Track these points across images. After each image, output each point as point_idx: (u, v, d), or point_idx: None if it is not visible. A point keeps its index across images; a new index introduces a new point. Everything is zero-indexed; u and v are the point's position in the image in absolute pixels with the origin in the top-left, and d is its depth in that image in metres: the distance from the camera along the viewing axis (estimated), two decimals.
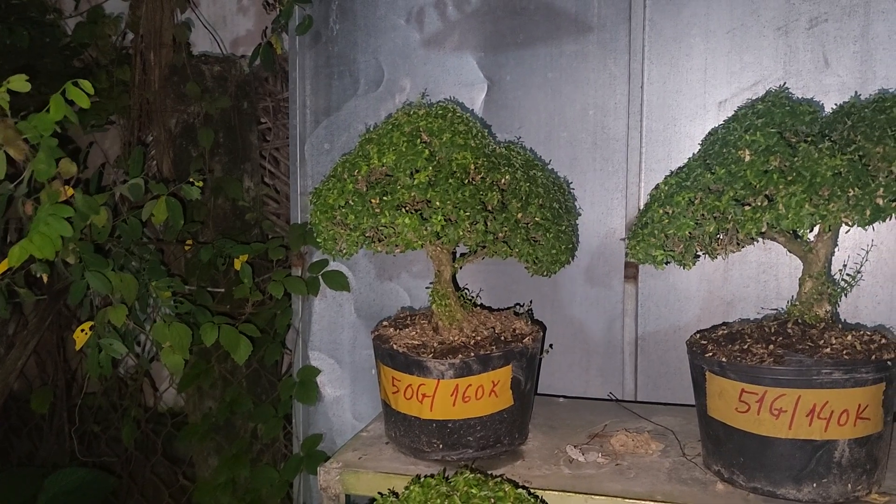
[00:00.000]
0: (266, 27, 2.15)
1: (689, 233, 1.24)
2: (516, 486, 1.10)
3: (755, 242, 1.45)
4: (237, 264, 1.83)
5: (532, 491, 1.21)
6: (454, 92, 1.99)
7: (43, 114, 1.36)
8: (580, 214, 1.82)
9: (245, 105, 2.20)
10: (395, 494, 1.08)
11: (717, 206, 1.22)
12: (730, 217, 1.21)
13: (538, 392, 1.87)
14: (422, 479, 1.09)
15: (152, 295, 1.64)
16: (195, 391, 2.19)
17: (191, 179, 1.70)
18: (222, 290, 1.99)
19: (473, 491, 1.02)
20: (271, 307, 2.07)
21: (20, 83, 1.43)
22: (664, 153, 1.83)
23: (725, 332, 1.37)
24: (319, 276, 2.00)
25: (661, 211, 1.28)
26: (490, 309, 1.62)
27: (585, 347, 1.92)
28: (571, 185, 1.86)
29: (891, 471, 1.31)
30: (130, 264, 1.62)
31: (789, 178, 1.16)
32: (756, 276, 1.78)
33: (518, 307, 1.89)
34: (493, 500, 1.00)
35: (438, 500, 0.99)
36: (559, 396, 1.83)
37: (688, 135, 1.81)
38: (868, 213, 1.13)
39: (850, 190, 1.13)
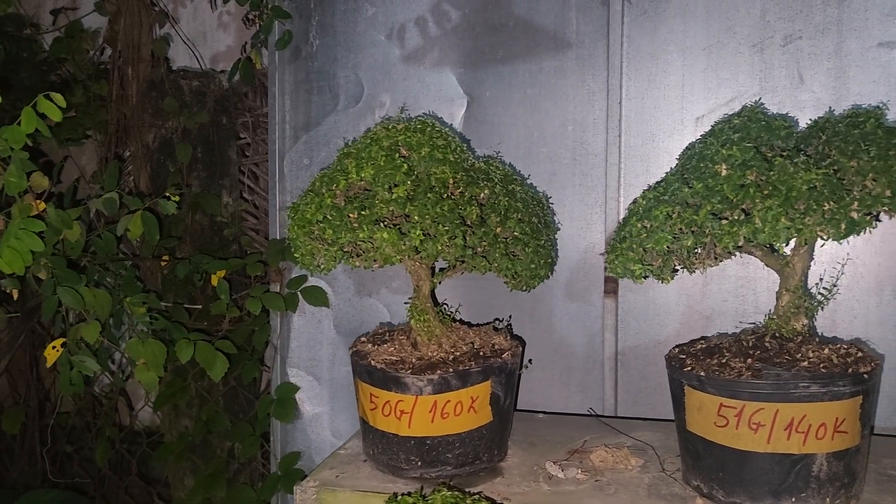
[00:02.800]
0: (245, 42, 2.15)
1: (668, 247, 1.25)
2: (494, 503, 1.10)
3: (732, 256, 1.46)
4: (214, 280, 1.81)
5: None
6: (434, 107, 1.99)
7: (14, 127, 1.34)
8: (559, 229, 1.82)
9: (224, 120, 2.19)
10: None
11: (695, 220, 1.22)
12: (707, 231, 1.22)
13: (518, 408, 1.87)
14: (398, 497, 1.08)
15: (126, 311, 1.62)
16: (171, 409, 2.17)
17: (167, 194, 1.69)
18: (199, 306, 1.97)
19: None
20: (249, 324, 2.05)
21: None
22: (643, 168, 1.84)
23: (704, 346, 1.37)
24: (298, 292, 1.99)
25: (639, 225, 1.28)
26: (469, 324, 1.61)
27: (566, 362, 1.91)
28: (551, 200, 1.87)
29: (868, 484, 1.31)
30: (105, 280, 1.60)
31: (765, 192, 1.17)
32: (734, 291, 1.79)
33: (497, 322, 1.88)
34: None
35: None
36: (539, 412, 1.83)
37: (666, 150, 1.82)
38: (843, 226, 1.14)
39: (826, 204, 1.14)
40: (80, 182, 2.21)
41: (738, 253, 1.38)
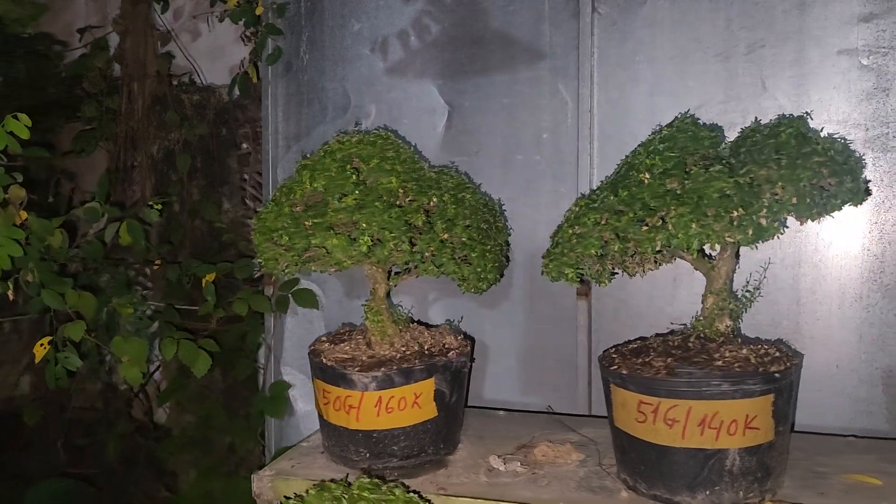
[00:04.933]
0: (244, 58, 2.29)
1: (597, 252, 1.33)
2: (408, 490, 1.20)
3: (675, 260, 1.53)
4: (205, 283, 1.95)
5: (450, 498, 1.31)
6: (417, 117, 2.10)
7: None
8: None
9: (224, 131, 2.34)
10: (301, 498, 1.18)
11: (619, 227, 1.31)
12: (630, 237, 1.30)
13: (482, 406, 1.97)
14: (323, 484, 1.19)
15: (115, 311, 1.77)
16: (175, 406, 2.32)
17: (150, 203, 1.84)
18: (196, 308, 2.12)
19: (365, 494, 1.12)
20: (244, 324, 2.19)
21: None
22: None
23: (635, 346, 1.46)
24: (289, 295, 2.11)
25: (570, 231, 1.37)
26: (427, 325, 1.72)
27: (541, 363, 2.00)
28: (526, 206, 1.96)
29: (794, 479, 1.38)
30: (98, 282, 1.76)
31: (680, 200, 1.25)
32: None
33: (448, 322, 1.98)
34: (381, 502, 1.10)
35: (331, 503, 1.09)
36: (499, 409, 1.92)
37: None
38: (751, 232, 1.22)
39: (735, 211, 1.22)
40: (74, 193, 2.38)
41: (672, 259, 1.46)
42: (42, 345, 1.62)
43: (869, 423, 1.74)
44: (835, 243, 1.73)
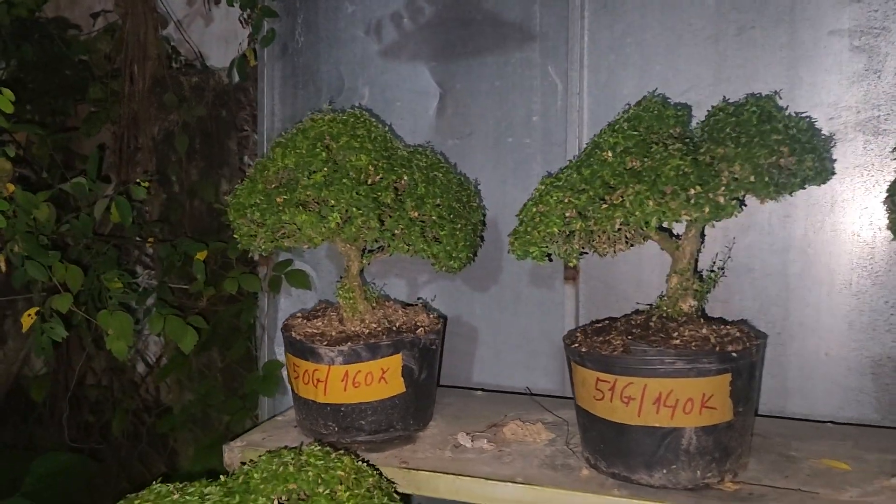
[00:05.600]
0: (241, 41, 2.33)
1: (559, 230, 1.34)
2: (357, 458, 1.22)
3: (644, 242, 1.52)
4: (195, 261, 2.00)
5: (411, 471, 1.33)
6: (410, 99, 2.12)
7: None
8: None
9: (223, 114, 2.38)
10: (254, 462, 1.21)
11: (579, 205, 1.31)
12: (589, 215, 1.30)
13: (465, 386, 1.98)
14: (277, 451, 1.22)
15: (104, 286, 1.82)
16: (175, 384, 2.38)
17: (137, 180, 1.89)
18: (187, 287, 2.17)
19: (312, 460, 1.15)
20: (240, 304, 2.23)
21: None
22: None
23: (600, 325, 1.46)
24: (282, 275, 2.15)
25: (534, 209, 1.38)
26: (404, 304, 1.73)
27: (530, 347, 2.01)
28: (518, 188, 1.96)
29: (763, 463, 1.37)
30: (88, 257, 1.81)
31: (638, 178, 1.25)
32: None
33: (423, 300, 1.99)
34: (327, 469, 1.12)
35: (278, 468, 1.12)
36: (478, 389, 1.93)
37: None
38: (707, 210, 1.21)
39: (692, 189, 1.21)
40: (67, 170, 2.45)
41: (643, 240, 1.46)
42: (29, 315, 1.68)
43: (858, 411, 1.72)
44: (824, 228, 1.71)
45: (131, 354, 2.64)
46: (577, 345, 1.37)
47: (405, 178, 1.51)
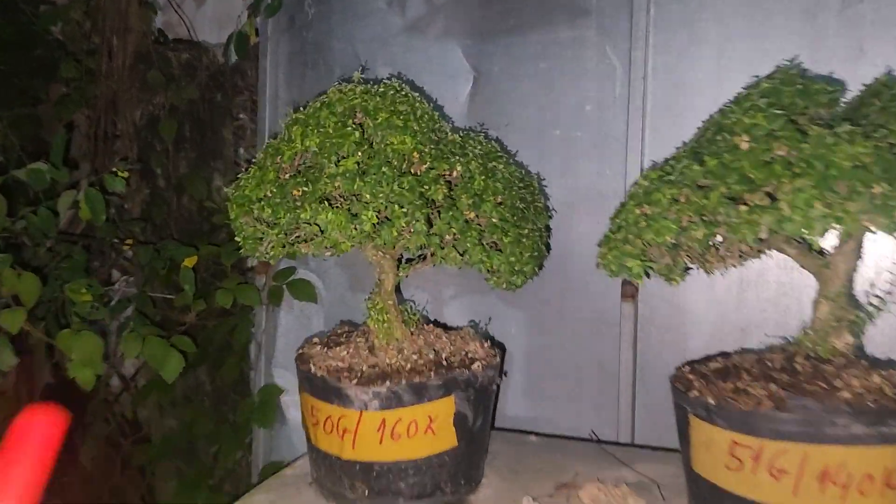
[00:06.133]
0: (240, 13, 1.93)
1: (672, 239, 0.97)
2: None
3: (763, 255, 1.16)
4: (182, 269, 1.60)
5: None
6: (437, 83, 1.74)
7: None
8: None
9: (218, 97, 1.98)
10: None
11: (706, 206, 0.94)
12: (721, 219, 0.93)
13: (510, 427, 1.60)
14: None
15: (68, 298, 1.42)
16: (155, 408, 1.97)
17: (114, 169, 1.48)
18: (172, 296, 1.76)
19: None
20: (235, 318, 1.83)
21: None
22: (670, 153, 1.55)
23: (720, 365, 1.08)
24: (284, 286, 1.76)
25: (637, 211, 1.01)
26: (446, 327, 1.35)
27: (577, 375, 1.64)
28: (566, 188, 1.60)
29: None
30: (51, 262, 1.40)
31: (796, 171, 0.88)
32: (775, 300, 1.49)
33: (473, 324, 1.62)
34: None
35: None
36: (531, 433, 1.55)
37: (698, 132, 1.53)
38: None
39: (875, 186, 0.84)
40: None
41: (766, 250, 1.09)
42: None
43: None
44: None
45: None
46: (697, 392, 0.99)
47: (458, 168, 1.13)
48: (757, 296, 1.50)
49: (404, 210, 1.05)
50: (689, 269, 1.09)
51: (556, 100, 1.64)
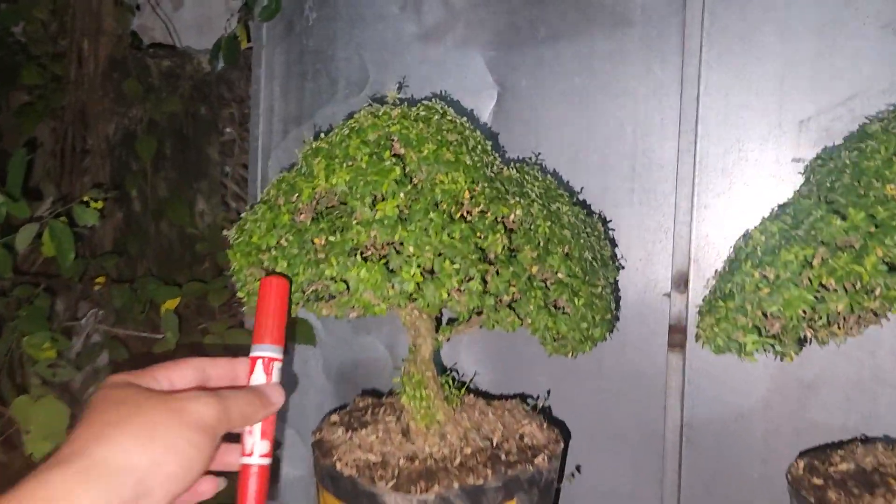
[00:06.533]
0: (230, 16, 1.68)
1: (809, 311, 0.75)
2: None
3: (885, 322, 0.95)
4: (164, 311, 1.34)
5: None
6: (457, 99, 1.51)
7: None
8: (622, 268, 1.33)
9: (203, 110, 1.72)
10: None
11: (856, 272, 0.72)
12: (879, 291, 0.71)
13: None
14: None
15: (27, 354, 1.16)
16: None
17: (85, 199, 1.22)
18: (157, 336, 1.50)
19: None
20: None
21: None
22: (724, 185, 1.34)
23: (852, 466, 0.86)
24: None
25: (756, 274, 0.78)
26: (485, 396, 1.11)
27: (616, 432, 1.42)
28: (610, 225, 1.37)
29: None
30: (6, 309, 1.14)
31: None
32: (846, 352, 1.27)
33: (529, 400, 1.38)
34: None
35: None
36: None
37: (756, 162, 1.32)
38: None
39: None
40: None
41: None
42: None
43: None
44: None
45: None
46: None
47: (518, 210, 0.89)
48: (824, 347, 1.29)
49: (456, 266, 0.82)
50: (804, 341, 0.87)
51: (592, 120, 1.42)
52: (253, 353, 0.78)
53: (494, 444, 0.93)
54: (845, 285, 0.74)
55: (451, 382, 1.02)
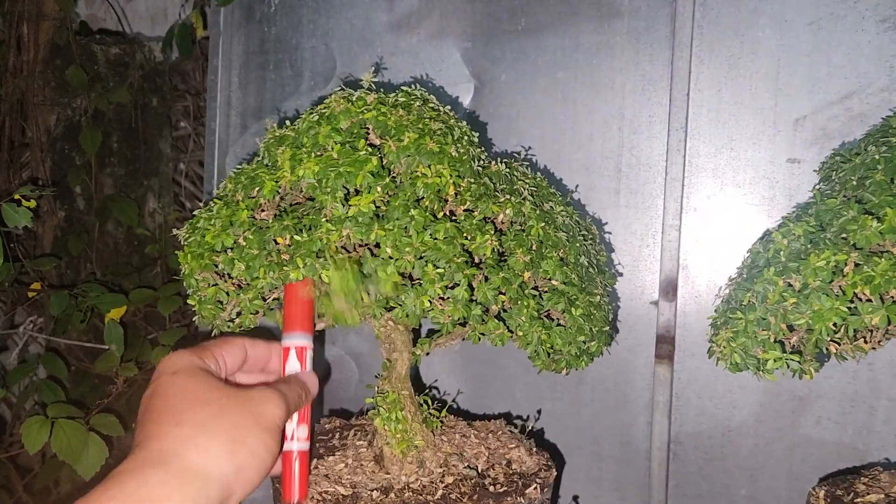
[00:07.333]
0: (185, 1, 1.56)
1: (839, 323, 0.66)
2: None
3: None
4: (108, 321, 1.21)
5: None
6: (430, 93, 1.41)
7: None
8: (620, 275, 1.24)
9: (154, 102, 1.60)
10: None
11: (892, 281, 0.64)
12: None
13: None
14: None
15: None
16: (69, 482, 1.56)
17: (17, 196, 1.10)
18: (101, 346, 1.37)
19: None
20: None
21: None
22: (716, 186, 1.26)
23: (882, 497, 0.78)
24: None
25: (780, 283, 0.69)
26: (463, 415, 1.01)
27: (597, 449, 1.33)
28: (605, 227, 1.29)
29: None
30: None
31: None
32: (842, 364, 1.21)
33: (516, 421, 1.29)
34: None
35: None
36: None
37: (750, 162, 1.25)
38: None
39: None
40: None
41: None
42: None
43: None
44: None
45: None
46: None
47: (508, 210, 0.79)
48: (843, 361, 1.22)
49: (439, 271, 0.72)
50: (825, 355, 0.78)
51: (576, 117, 1.34)
52: (285, 342, 0.79)
53: (479, 472, 0.83)
54: (882, 295, 0.65)
55: (429, 402, 0.91)
